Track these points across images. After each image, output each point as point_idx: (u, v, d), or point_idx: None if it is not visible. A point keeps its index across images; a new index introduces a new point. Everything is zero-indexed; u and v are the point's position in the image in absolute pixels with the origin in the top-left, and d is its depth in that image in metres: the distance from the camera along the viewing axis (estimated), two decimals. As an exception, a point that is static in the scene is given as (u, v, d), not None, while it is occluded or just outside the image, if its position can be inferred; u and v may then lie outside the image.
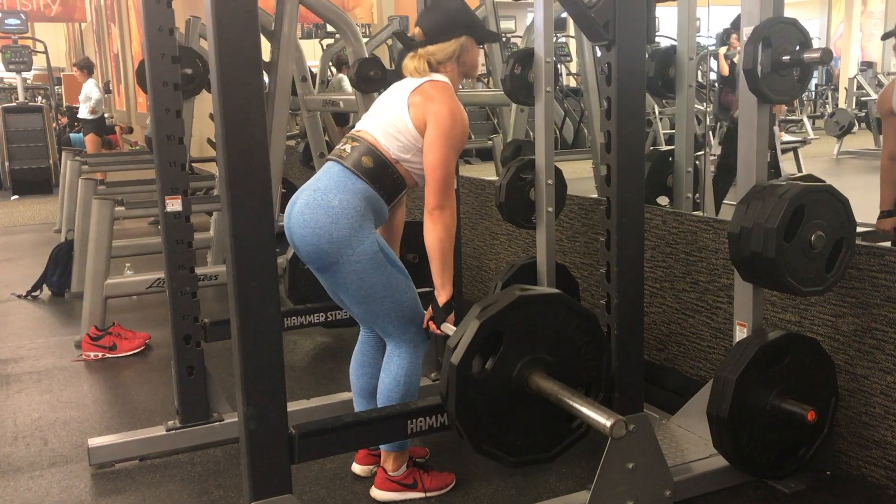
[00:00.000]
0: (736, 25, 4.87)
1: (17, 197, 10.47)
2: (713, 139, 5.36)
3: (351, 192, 2.30)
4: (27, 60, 10.96)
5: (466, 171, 6.58)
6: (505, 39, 7.61)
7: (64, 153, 7.81)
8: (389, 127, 2.36)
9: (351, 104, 4.68)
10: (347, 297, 2.38)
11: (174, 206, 2.81)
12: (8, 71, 10.96)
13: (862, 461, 2.56)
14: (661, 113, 6.55)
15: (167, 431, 2.89)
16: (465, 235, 4.56)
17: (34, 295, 5.23)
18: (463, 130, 2.36)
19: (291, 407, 1.99)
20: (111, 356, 4.01)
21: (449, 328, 2.34)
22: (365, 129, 2.41)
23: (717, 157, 4.82)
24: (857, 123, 9.66)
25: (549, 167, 2.89)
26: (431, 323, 2.40)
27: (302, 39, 7.35)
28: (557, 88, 6.81)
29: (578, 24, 2.22)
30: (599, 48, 2.32)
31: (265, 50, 2.99)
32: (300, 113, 5.61)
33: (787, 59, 2.36)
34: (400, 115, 2.35)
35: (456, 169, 2.53)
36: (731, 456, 2.44)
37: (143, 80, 3.04)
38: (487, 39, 2.63)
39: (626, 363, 2.32)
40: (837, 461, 2.62)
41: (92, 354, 4.01)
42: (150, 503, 2.60)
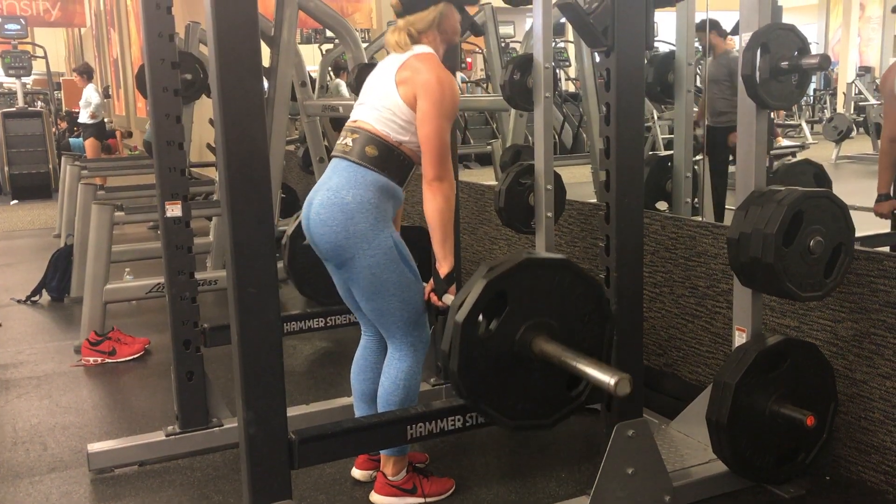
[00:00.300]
0: (735, 31, 4.88)
1: (16, 202, 10.47)
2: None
3: (363, 185, 2.31)
4: (27, 65, 10.96)
5: (465, 175, 6.58)
6: (504, 45, 7.62)
7: (63, 158, 7.81)
8: (383, 111, 2.35)
9: (350, 110, 4.68)
10: (359, 291, 2.38)
11: (174, 211, 2.81)
12: (8, 76, 10.96)
13: (861, 466, 2.56)
14: (659, 118, 6.56)
15: (167, 437, 2.88)
16: (464, 240, 4.57)
17: (34, 300, 5.23)
18: (453, 97, 2.33)
19: (291, 412, 1.99)
20: (110, 361, 4.01)
21: (451, 300, 2.32)
22: (361, 118, 2.40)
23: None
24: (855, 128, 9.67)
25: (548, 172, 2.90)
26: (433, 295, 2.39)
27: (301, 45, 7.37)
28: (556, 93, 6.82)
29: (577, 30, 2.22)
30: (598, 54, 2.32)
31: (265, 55, 3.00)
32: (299, 118, 5.62)
33: (785, 65, 2.37)
34: (391, 95, 2.34)
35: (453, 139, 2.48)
36: (730, 461, 2.45)
37: (142, 85, 3.05)
38: (466, 2, 2.55)
39: (625, 367, 2.32)
40: (836, 466, 2.62)
41: (91, 359, 4.01)
42: (149, 508, 2.60)
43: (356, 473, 2.68)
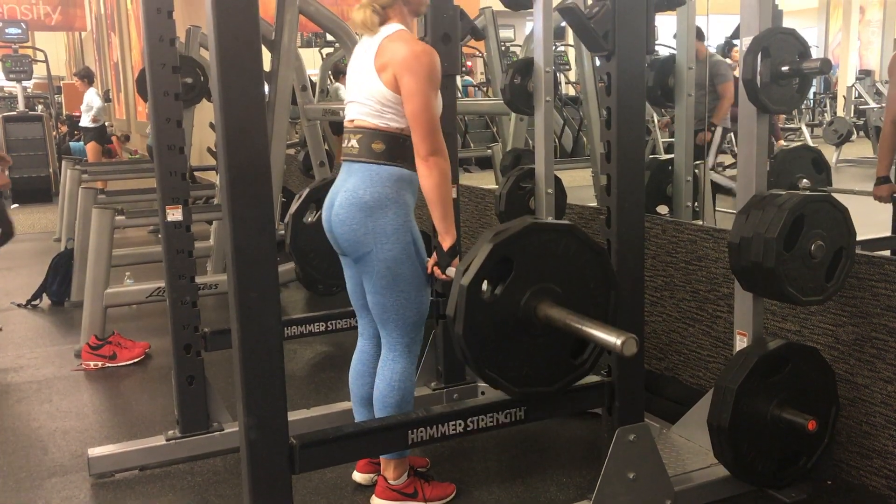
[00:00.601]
0: (737, 35, 4.89)
1: (17, 205, 10.46)
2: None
3: (378, 182, 2.32)
4: (27, 69, 10.98)
5: (466, 179, 6.58)
6: (504, 48, 7.62)
7: (64, 162, 7.82)
8: (373, 104, 2.32)
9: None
10: (370, 284, 2.39)
11: (175, 215, 2.81)
12: (8, 80, 10.97)
13: (863, 471, 2.55)
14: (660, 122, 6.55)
15: (167, 441, 2.88)
16: (464, 244, 4.55)
17: (34, 304, 5.22)
18: (432, 66, 2.27)
19: (292, 416, 1.98)
20: (111, 365, 4.00)
21: (454, 273, 2.32)
22: (357, 117, 2.38)
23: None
24: (855, 132, 9.67)
25: (548, 176, 2.90)
26: (436, 268, 2.39)
27: (302, 48, 7.37)
28: (557, 97, 6.83)
29: (578, 34, 2.22)
30: (599, 58, 2.32)
31: (266, 59, 3.00)
32: (300, 122, 5.62)
33: (786, 69, 2.37)
34: (375, 86, 2.31)
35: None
36: (731, 465, 2.44)
37: (143, 89, 3.05)
38: None
39: (626, 372, 2.32)
40: (838, 470, 2.61)
41: (92, 364, 4.00)
42: (149, 513, 2.60)
43: (357, 477, 2.68)
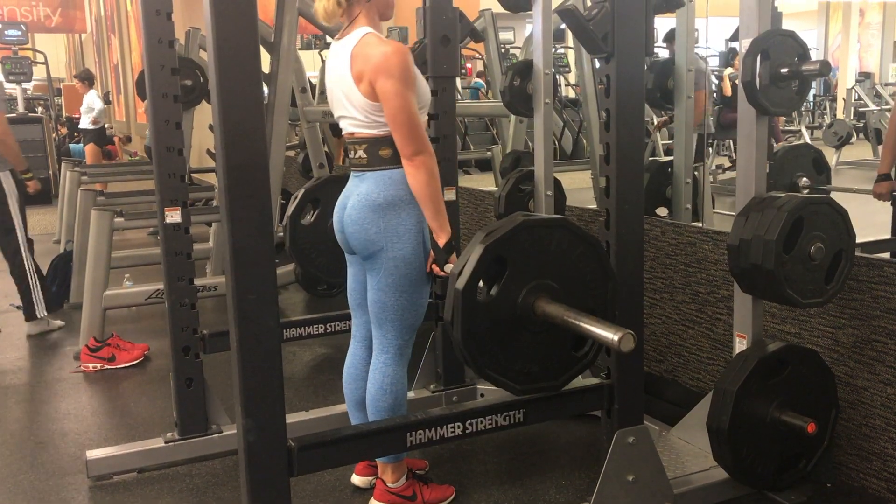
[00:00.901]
0: (736, 37, 4.89)
1: (16, 207, 10.45)
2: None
3: (391, 185, 2.33)
4: (27, 71, 10.98)
5: (465, 181, 6.58)
6: (504, 50, 7.62)
7: (63, 164, 7.81)
8: (363, 115, 2.31)
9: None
10: (375, 281, 2.39)
11: (174, 217, 2.81)
12: (8, 82, 10.95)
13: (862, 473, 2.55)
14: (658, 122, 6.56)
15: (166, 443, 2.88)
16: (464, 247, 4.56)
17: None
18: (403, 65, 2.21)
19: (290, 419, 1.98)
20: (110, 367, 4.00)
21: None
22: (354, 130, 2.37)
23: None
24: (855, 134, 9.68)
25: (548, 178, 2.90)
26: (435, 266, 2.39)
27: (301, 50, 7.36)
28: (556, 99, 6.83)
29: (577, 36, 2.22)
30: (598, 60, 2.32)
31: (265, 61, 3.00)
32: (299, 124, 5.62)
33: (785, 71, 2.37)
34: (358, 100, 2.29)
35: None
36: (731, 468, 2.44)
37: (142, 90, 3.05)
38: None
39: (625, 374, 2.32)
40: (838, 473, 2.61)
41: (90, 366, 4.00)
42: (148, 516, 2.59)
43: (356, 480, 2.67)
